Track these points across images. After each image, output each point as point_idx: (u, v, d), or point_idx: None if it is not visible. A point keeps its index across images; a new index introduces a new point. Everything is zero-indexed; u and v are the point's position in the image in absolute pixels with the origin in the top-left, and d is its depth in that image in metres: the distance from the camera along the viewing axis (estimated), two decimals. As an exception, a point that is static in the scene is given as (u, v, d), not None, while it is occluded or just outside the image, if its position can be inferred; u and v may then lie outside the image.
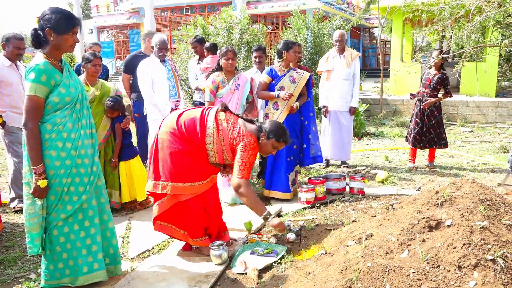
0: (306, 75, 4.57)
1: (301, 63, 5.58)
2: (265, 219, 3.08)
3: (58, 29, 2.46)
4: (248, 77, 4.60)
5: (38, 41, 2.51)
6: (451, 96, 5.72)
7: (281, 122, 4.40)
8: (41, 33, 2.48)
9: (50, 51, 2.51)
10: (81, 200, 2.58)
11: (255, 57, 5.08)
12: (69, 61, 17.56)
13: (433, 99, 5.56)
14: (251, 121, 3.21)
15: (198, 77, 5.88)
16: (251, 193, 3.04)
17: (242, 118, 3.19)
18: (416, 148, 5.81)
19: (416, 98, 5.79)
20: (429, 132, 5.65)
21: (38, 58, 2.48)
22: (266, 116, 4.52)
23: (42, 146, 2.47)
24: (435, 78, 5.56)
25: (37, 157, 2.44)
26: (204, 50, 5.86)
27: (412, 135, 5.74)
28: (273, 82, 4.47)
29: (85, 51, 4.92)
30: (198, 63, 5.95)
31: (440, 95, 5.69)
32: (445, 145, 5.73)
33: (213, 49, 5.81)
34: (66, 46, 2.53)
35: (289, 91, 4.38)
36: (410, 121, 5.90)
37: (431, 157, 5.91)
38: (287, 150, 4.45)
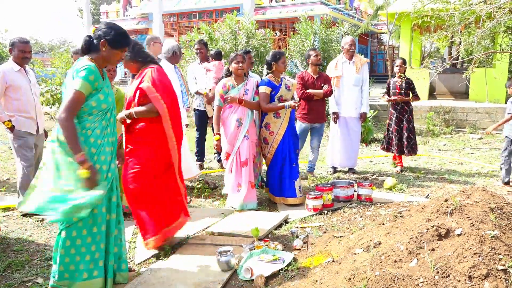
0: (295, 81, 4.88)
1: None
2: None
3: (113, 43, 2.65)
4: (251, 80, 4.63)
5: (88, 48, 2.67)
6: (419, 99, 6.10)
7: (284, 130, 4.57)
8: (94, 42, 2.65)
9: (97, 59, 2.66)
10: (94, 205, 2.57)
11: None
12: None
13: (405, 98, 5.88)
14: None
15: (198, 81, 5.88)
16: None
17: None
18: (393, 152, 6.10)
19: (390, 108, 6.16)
20: (407, 138, 5.90)
21: (85, 61, 2.62)
22: (267, 126, 4.57)
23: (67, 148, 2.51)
24: (403, 84, 5.90)
25: (76, 145, 2.47)
26: (209, 58, 5.95)
27: (395, 142, 5.95)
28: (273, 92, 4.57)
29: None
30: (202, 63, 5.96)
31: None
32: (415, 150, 5.99)
33: (218, 56, 5.92)
34: (113, 60, 2.73)
35: (286, 99, 4.60)
36: (388, 130, 6.09)
37: (401, 161, 6.16)
38: (290, 158, 4.59)
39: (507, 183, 5.20)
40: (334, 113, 5.78)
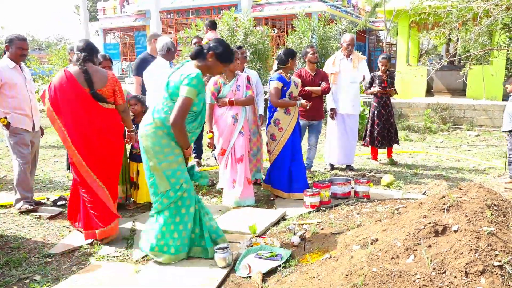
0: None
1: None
2: None
3: (220, 56, 3.05)
4: (242, 75, 4.64)
5: (197, 55, 3.05)
6: (397, 93, 6.45)
7: (293, 127, 4.65)
8: (204, 51, 3.04)
9: (202, 67, 3.04)
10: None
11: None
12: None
13: (391, 90, 6.15)
14: None
15: None
16: None
17: None
18: (378, 147, 6.30)
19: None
20: (389, 131, 6.16)
21: (193, 67, 3.00)
22: (277, 122, 4.60)
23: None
24: (388, 79, 6.20)
25: (186, 141, 3.05)
26: (204, 27, 6.05)
27: (374, 135, 6.20)
28: (285, 88, 4.63)
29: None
30: None
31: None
32: (397, 142, 6.37)
33: (213, 25, 6.02)
34: (215, 71, 3.15)
35: (295, 95, 4.71)
36: (372, 124, 6.27)
37: (390, 153, 6.39)
38: (300, 154, 4.69)
39: None
40: (331, 109, 5.78)
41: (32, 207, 4.26)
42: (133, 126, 4.00)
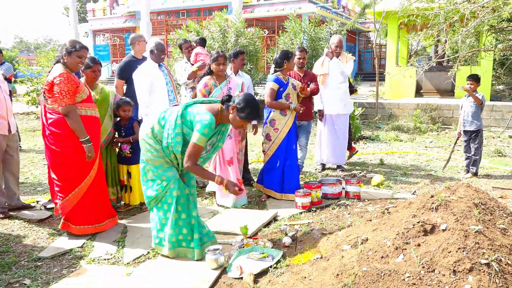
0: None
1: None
2: None
3: (240, 111, 3.10)
4: (239, 81, 4.65)
5: (225, 101, 3.16)
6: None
7: (289, 127, 4.64)
8: (230, 103, 3.12)
9: (223, 115, 3.15)
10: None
11: (242, 59, 5.00)
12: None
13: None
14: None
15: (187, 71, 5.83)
16: None
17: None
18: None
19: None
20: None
21: (213, 110, 3.12)
22: (272, 122, 4.61)
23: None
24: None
25: (205, 173, 3.29)
26: (194, 44, 6.08)
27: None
28: (281, 89, 4.64)
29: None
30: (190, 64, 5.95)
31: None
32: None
33: (202, 42, 6.13)
34: (235, 125, 3.23)
35: (293, 97, 4.68)
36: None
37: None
38: (295, 155, 4.69)
39: (476, 174, 5.58)
40: (319, 110, 5.82)
41: (3, 216, 4.16)
42: (86, 136, 3.54)
